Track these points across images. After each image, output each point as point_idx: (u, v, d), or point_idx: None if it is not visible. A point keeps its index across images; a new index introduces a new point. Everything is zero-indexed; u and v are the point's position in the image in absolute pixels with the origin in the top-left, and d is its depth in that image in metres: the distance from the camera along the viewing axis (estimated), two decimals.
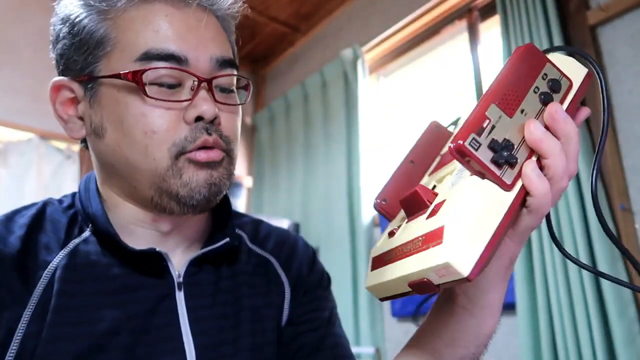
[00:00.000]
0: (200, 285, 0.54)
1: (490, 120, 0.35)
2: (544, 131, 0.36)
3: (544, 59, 0.40)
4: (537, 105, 0.38)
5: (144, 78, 0.47)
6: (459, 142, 0.33)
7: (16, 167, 2.43)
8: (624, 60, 1.48)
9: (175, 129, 0.48)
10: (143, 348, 0.48)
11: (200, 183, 0.49)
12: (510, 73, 0.38)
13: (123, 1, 0.49)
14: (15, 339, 0.44)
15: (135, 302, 0.49)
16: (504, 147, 0.35)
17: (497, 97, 0.36)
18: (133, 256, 0.50)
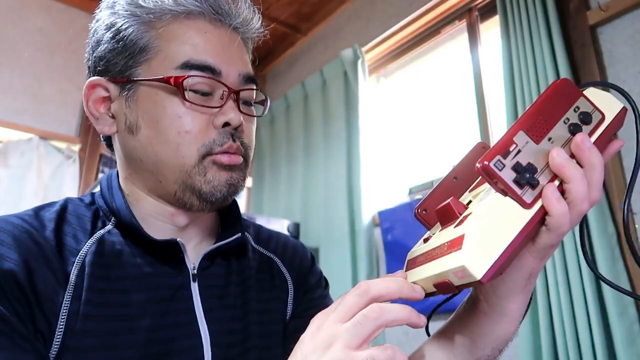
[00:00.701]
0: (212, 277, 0.59)
1: (516, 145, 0.39)
2: (567, 158, 0.39)
3: (578, 93, 0.42)
4: (565, 134, 0.41)
5: (184, 84, 0.53)
6: (485, 162, 0.38)
7: (16, 167, 2.42)
8: (624, 60, 1.48)
9: (205, 132, 0.55)
10: (164, 331, 0.52)
11: (222, 182, 0.55)
12: (543, 103, 0.41)
13: (168, 16, 0.55)
14: (61, 317, 0.48)
15: (157, 288, 0.54)
16: (526, 170, 0.38)
17: (526, 125, 0.40)
18: (154, 246, 0.55)
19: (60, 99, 2.68)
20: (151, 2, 0.55)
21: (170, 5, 0.55)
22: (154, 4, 0.55)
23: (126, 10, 0.56)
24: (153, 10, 0.55)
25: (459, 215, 0.41)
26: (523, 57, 1.65)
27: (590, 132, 0.41)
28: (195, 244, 0.61)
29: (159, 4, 0.55)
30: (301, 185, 2.65)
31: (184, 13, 0.56)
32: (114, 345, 0.49)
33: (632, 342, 1.27)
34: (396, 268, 2.03)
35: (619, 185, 1.41)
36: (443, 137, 2.19)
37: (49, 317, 0.47)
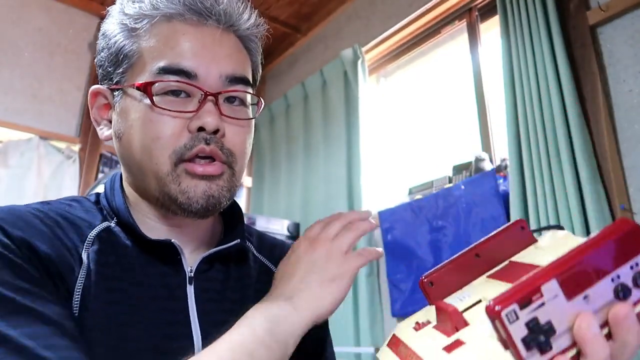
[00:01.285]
0: (210, 281, 0.59)
1: (542, 297, 0.31)
2: (596, 333, 0.32)
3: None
4: (607, 295, 0.33)
5: (153, 89, 0.53)
6: (497, 307, 0.31)
7: (16, 167, 2.43)
8: (624, 60, 1.48)
9: (178, 137, 0.53)
10: (158, 327, 0.52)
11: (198, 194, 0.53)
12: (592, 251, 0.33)
13: (146, 20, 0.55)
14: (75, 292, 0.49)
15: (154, 286, 0.54)
16: (542, 331, 0.31)
17: (562, 274, 0.32)
18: (151, 245, 0.55)
19: (60, 99, 2.68)
20: (132, 9, 0.55)
21: (148, 9, 0.55)
22: (134, 10, 0.55)
23: (116, 18, 0.57)
24: (134, 16, 0.55)
25: (453, 332, 0.36)
26: (523, 57, 1.65)
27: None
28: (195, 247, 0.61)
29: (138, 10, 0.55)
30: (301, 185, 2.65)
31: (162, 16, 0.55)
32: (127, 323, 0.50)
33: None
34: (396, 268, 2.03)
35: (619, 185, 1.41)
36: (443, 137, 2.19)
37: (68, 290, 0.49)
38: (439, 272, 0.42)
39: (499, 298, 0.31)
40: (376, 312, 2.07)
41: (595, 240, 0.33)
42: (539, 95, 1.58)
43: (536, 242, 0.43)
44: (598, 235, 0.33)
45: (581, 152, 1.43)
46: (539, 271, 0.32)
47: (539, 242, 0.43)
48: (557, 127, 1.50)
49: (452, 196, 1.86)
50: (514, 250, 0.43)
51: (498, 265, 0.42)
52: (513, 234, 0.43)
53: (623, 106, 1.46)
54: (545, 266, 0.32)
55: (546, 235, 0.43)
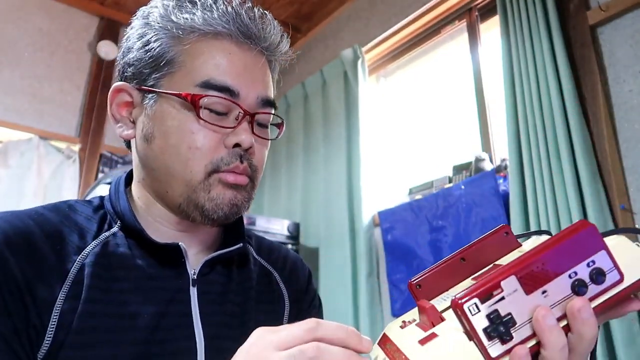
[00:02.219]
0: (212, 284, 0.60)
1: (502, 291, 0.34)
2: (553, 324, 0.34)
3: (600, 245, 0.36)
4: (565, 290, 0.35)
5: (200, 102, 0.55)
6: (459, 301, 0.34)
7: (16, 167, 2.43)
8: (624, 60, 1.48)
9: (215, 150, 0.56)
10: (160, 332, 0.53)
11: (225, 201, 0.56)
12: (551, 250, 0.35)
13: (196, 34, 0.57)
14: (54, 313, 0.49)
15: (156, 290, 0.55)
16: (503, 322, 0.34)
17: (521, 271, 0.35)
18: (156, 249, 0.57)
19: (60, 99, 2.68)
20: (182, 19, 0.57)
21: (200, 24, 0.56)
22: (184, 21, 0.56)
23: (158, 23, 0.57)
24: (182, 27, 0.57)
25: (429, 327, 0.37)
26: (523, 57, 1.65)
27: (597, 293, 0.35)
28: (197, 251, 0.63)
29: (189, 22, 0.56)
30: (301, 185, 2.65)
31: (212, 33, 0.57)
32: (111, 342, 0.50)
33: (632, 342, 1.27)
34: (396, 268, 2.03)
35: (619, 185, 1.41)
36: (443, 137, 2.19)
37: (42, 313, 0.48)
38: (426, 275, 0.44)
39: (462, 293, 0.34)
40: (376, 312, 2.07)
41: (553, 240, 0.35)
42: (539, 95, 1.58)
43: (520, 246, 0.45)
44: (557, 235, 0.36)
45: (581, 152, 1.43)
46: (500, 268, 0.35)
47: (523, 246, 0.44)
48: (557, 127, 1.50)
49: (452, 196, 1.86)
50: (498, 255, 0.44)
51: (483, 268, 0.44)
52: (497, 239, 0.45)
53: (623, 106, 1.46)
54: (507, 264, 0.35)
55: (530, 240, 0.45)
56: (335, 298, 2.19)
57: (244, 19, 0.58)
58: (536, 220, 1.51)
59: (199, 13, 0.57)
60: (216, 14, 0.57)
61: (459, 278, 0.44)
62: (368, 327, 2.01)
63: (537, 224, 1.51)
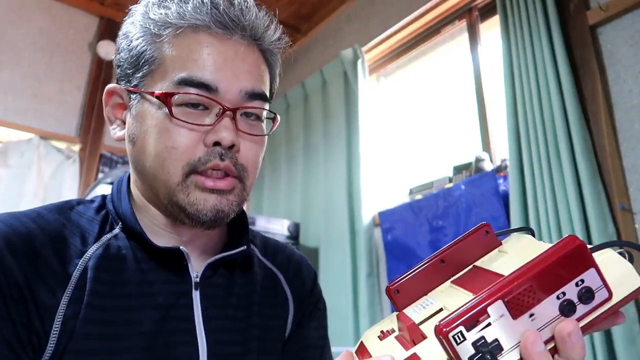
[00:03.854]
0: (214, 287, 0.59)
1: (488, 317, 0.32)
2: (541, 351, 0.33)
3: (589, 262, 0.34)
4: (553, 312, 0.33)
5: (173, 100, 0.52)
6: (444, 329, 0.32)
7: (16, 167, 2.43)
8: (624, 60, 1.48)
9: (194, 149, 0.53)
10: (162, 337, 0.52)
11: (207, 207, 0.53)
12: (539, 271, 0.33)
13: (171, 28, 0.54)
14: (57, 318, 0.48)
15: (158, 294, 0.54)
16: (489, 350, 0.32)
17: (508, 294, 0.33)
18: (158, 252, 0.55)
19: (60, 99, 2.68)
20: (157, 15, 0.55)
21: (174, 18, 0.54)
22: (159, 17, 0.54)
23: (140, 21, 0.56)
24: (158, 23, 0.55)
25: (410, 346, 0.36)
26: (523, 57, 1.65)
27: (586, 313, 0.34)
28: (200, 253, 0.61)
29: (164, 17, 0.54)
30: (301, 185, 2.65)
31: (187, 26, 0.54)
32: (114, 349, 0.49)
33: (632, 342, 1.27)
34: (396, 268, 2.03)
35: (619, 185, 1.41)
36: (443, 137, 2.19)
37: (44, 318, 0.48)
38: (405, 279, 0.42)
39: (447, 319, 0.32)
40: (376, 312, 2.07)
41: (541, 259, 0.33)
42: (539, 95, 1.58)
43: (501, 245, 0.44)
44: (545, 253, 0.34)
45: (581, 152, 1.43)
46: (486, 292, 0.33)
47: (503, 245, 0.43)
48: (557, 127, 1.50)
49: (452, 196, 1.86)
50: (478, 254, 0.43)
51: (463, 269, 0.43)
52: (478, 238, 0.43)
53: (623, 106, 1.46)
54: (492, 286, 0.33)
55: (510, 238, 0.44)
56: (335, 298, 2.19)
57: (220, 9, 0.54)
58: (536, 220, 1.51)
59: (174, 7, 0.54)
60: (190, 6, 0.54)
61: (439, 280, 0.43)
62: (368, 327, 2.01)
63: (537, 224, 1.51)
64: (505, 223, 1.63)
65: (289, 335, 0.65)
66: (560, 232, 1.44)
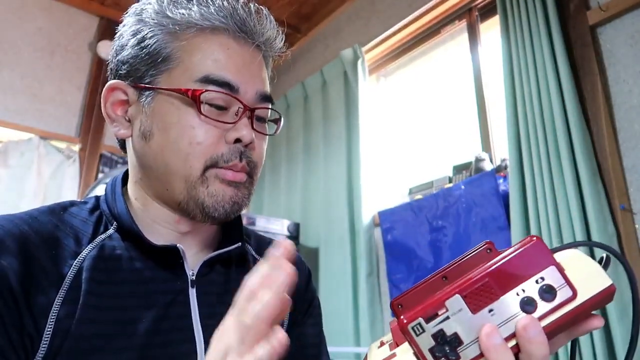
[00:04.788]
0: (211, 284, 0.59)
1: (446, 310, 0.34)
2: (498, 343, 0.33)
3: (549, 260, 0.35)
4: (514, 309, 0.34)
5: (201, 97, 0.54)
6: (404, 321, 0.34)
7: (16, 167, 2.43)
8: (624, 60, 1.48)
9: (216, 145, 0.55)
10: (160, 335, 0.52)
11: (226, 199, 0.56)
12: (496, 267, 0.34)
13: (194, 29, 0.56)
14: (50, 319, 0.48)
15: (155, 293, 0.54)
16: (448, 342, 0.34)
17: (466, 290, 0.34)
18: (154, 251, 0.56)
19: (60, 99, 2.68)
20: (178, 14, 0.56)
21: (197, 19, 0.56)
22: (181, 16, 0.56)
23: (153, 19, 0.57)
24: (179, 22, 0.56)
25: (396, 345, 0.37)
26: (523, 57, 1.65)
27: (549, 311, 0.34)
28: (196, 251, 0.62)
29: (186, 17, 0.56)
30: (301, 185, 2.65)
31: (209, 28, 0.56)
32: (111, 348, 0.49)
33: None
34: (396, 268, 2.03)
35: (619, 185, 1.41)
36: (443, 137, 2.19)
37: (37, 319, 0.47)
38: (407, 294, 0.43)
39: (408, 313, 0.34)
40: (376, 312, 2.07)
41: (500, 257, 0.35)
42: (539, 95, 1.58)
43: None
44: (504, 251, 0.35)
45: (581, 152, 1.43)
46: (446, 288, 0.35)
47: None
48: (557, 127, 1.50)
49: (452, 196, 1.86)
50: None
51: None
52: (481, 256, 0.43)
53: (623, 106, 1.46)
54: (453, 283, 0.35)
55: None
56: (335, 298, 2.19)
57: (240, 14, 0.57)
58: (536, 220, 1.51)
59: (196, 8, 0.56)
60: (213, 8, 0.56)
61: None
62: (368, 327, 2.01)
63: (537, 224, 1.51)
64: (505, 223, 1.64)
65: (287, 331, 0.66)
66: (560, 232, 1.45)
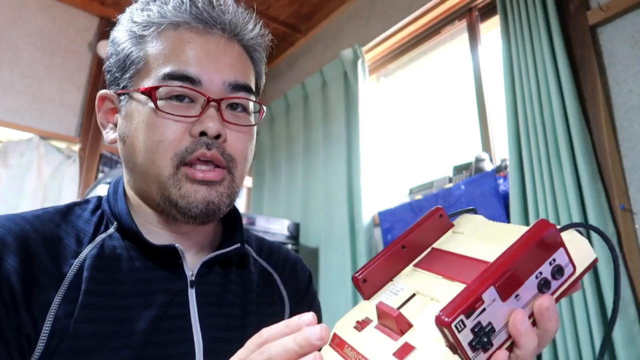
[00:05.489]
0: (210, 285, 0.59)
1: (483, 302, 0.35)
2: (528, 327, 0.36)
3: (559, 243, 0.38)
4: (533, 291, 0.37)
5: (157, 94, 0.54)
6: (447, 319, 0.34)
7: (16, 167, 2.43)
8: (624, 60, 1.48)
9: (180, 141, 0.54)
10: (158, 335, 0.53)
11: (198, 199, 0.54)
12: (521, 255, 0.37)
13: (153, 28, 0.57)
14: (48, 318, 0.48)
15: (154, 293, 0.54)
16: (485, 333, 0.35)
17: (499, 280, 0.36)
18: (153, 251, 0.56)
19: (60, 99, 2.68)
20: (140, 17, 0.57)
21: (155, 17, 0.57)
22: (142, 19, 0.57)
23: (125, 26, 0.59)
24: (142, 24, 0.57)
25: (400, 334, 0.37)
26: (523, 57, 1.65)
27: (557, 287, 0.38)
28: (195, 252, 0.62)
29: (146, 18, 0.57)
30: (301, 185, 2.65)
31: (168, 24, 0.57)
32: (108, 347, 0.50)
33: (632, 342, 1.27)
34: None
35: (619, 185, 1.41)
36: (443, 137, 2.19)
37: (36, 318, 0.48)
38: (370, 267, 0.44)
39: (446, 309, 0.35)
40: None
41: (521, 245, 0.37)
42: (539, 95, 1.58)
43: (453, 226, 0.47)
44: (522, 238, 0.37)
45: (581, 152, 1.43)
46: (477, 281, 0.36)
47: (455, 226, 0.46)
48: (557, 127, 1.50)
49: (452, 196, 1.86)
50: (435, 237, 0.46)
51: (422, 253, 0.45)
52: (433, 222, 0.46)
53: (623, 106, 1.46)
54: (481, 274, 0.36)
55: (462, 219, 0.47)
56: (335, 298, 2.19)
57: (198, 5, 0.57)
58: (536, 220, 1.51)
59: (155, 8, 0.57)
60: (170, 5, 0.57)
61: (402, 265, 0.45)
62: None
63: None
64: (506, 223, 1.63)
65: None
66: None
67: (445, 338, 0.35)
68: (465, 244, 0.43)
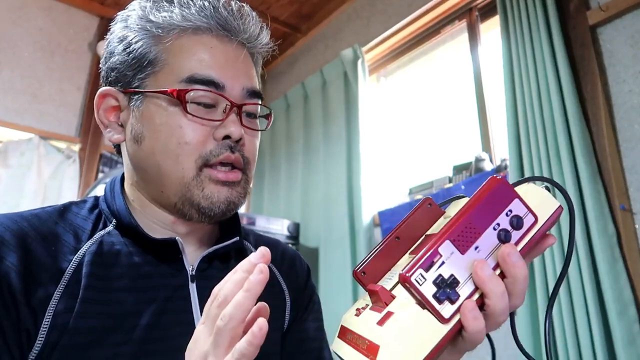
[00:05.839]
0: (210, 279, 0.59)
1: (441, 256, 0.38)
2: (490, 274, 0.38)
3: (513, 194, 0.40)
4: (493, 242, 0.39)
5: (186, 97, 0.55)
6: (407, 274, 0.37)
7: (16, 167, 2.43)
8: (624, 60, 1.48)
9: (204, 143, 0.56)
10: (160, 329, 0.53)
11: (221, 199, 0.56)
12: (473, 210, 0.39)
13: (176, 31, 0.57)
14: (47, 313, 0.49)
15: (155, 287, 0.55)
16: (447, 284, 0.37)
17: (453, 234, 0.38)
18: (152, 246, 0.57)
19: (60, 99, 2.68)
20: (160, 17, 0.57)
21: (178, 20, 0.57)
22: (163, 19, 0.57)
23: (137, 24, 0.58)
24: (162, 25, 0.57)
25: (385, 306, 0.40)
26: (523, 57, 1.65)
27: (520, 237, 0.40)
28: (194, 249, 0.63)
29: (167, 19, 0.57)
30: (301, 185, 2.65)
31: (191, 28, 0.58)
32: (109, 342, 0.50)
33: (632, 342, 1.27)
34: None
35: (619, 185, 1.41)
36: (443, 137, 2.19)
37: (36, 314, 0.48)
38: (368, 261, 0.46)
39: (407, 266, 0.37)
40: None
41: (473, 200, 0.40)
42: (539, 95, 1.58)
43: (444, 213, 0.48)
44: (474, 196, 0.40)
45: (581, 152, 1.43)
46: (434, 237, 0.39)
47: (446, 212, 0.48)
48: (557, 127, 1.50)
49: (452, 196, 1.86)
50: (427, 226, 0.48)
51: (417, 242, 0.47)
52: (424, 212, 0.48)
53: (623, 106, 1.46)
54: (439, 231, 0.39)
55: (451, 206, 0.50)
56: (335, 298, 2.19)
57: (222, 13, 0.58)
58: None
59: (177, 10, 0.57)
60: (194, 9, 0.57)
61: (398, 256, 0.47)
62: None
63: None
64: None
65: (287, 328, 0.67)
66: (560, 232, 1.45)
67: (412, 295, 0.38)
68: None
